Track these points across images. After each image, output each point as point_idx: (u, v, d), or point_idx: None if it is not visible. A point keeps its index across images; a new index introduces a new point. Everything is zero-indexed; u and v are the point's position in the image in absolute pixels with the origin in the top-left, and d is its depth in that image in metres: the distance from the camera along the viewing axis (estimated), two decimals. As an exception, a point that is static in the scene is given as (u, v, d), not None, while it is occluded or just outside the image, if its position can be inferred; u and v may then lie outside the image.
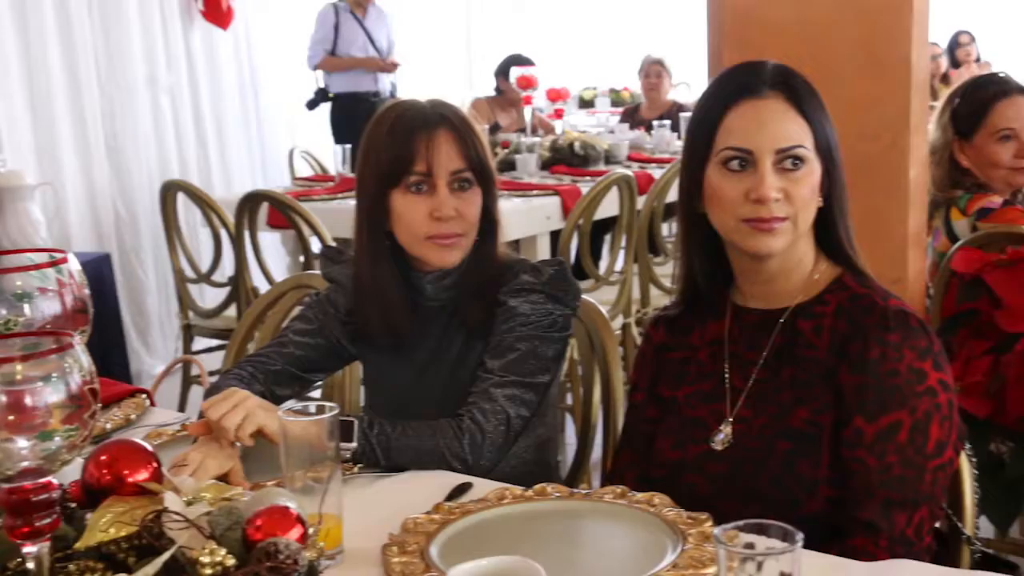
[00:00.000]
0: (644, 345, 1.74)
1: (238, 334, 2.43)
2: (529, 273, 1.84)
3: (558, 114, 5.18)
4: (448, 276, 1.87)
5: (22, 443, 1.05)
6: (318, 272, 2.41)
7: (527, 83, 4.88)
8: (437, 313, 1.89)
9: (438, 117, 1.82)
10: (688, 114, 5.53)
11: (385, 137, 1.83)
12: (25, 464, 1.06)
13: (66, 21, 4.81)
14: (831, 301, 1.54)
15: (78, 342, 1.07)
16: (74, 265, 1.18)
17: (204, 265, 4.28)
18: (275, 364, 1.90)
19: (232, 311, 4.10)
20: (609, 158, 4.84)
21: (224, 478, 1.55)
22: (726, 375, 1.60)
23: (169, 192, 4.20)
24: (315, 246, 4.01)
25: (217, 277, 4.22)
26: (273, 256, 4.20)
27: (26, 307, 1.15)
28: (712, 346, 1.62)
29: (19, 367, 1.03)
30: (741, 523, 1.00)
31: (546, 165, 4.66)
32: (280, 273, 4.28)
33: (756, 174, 1.49)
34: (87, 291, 1.19)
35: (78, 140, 4.87)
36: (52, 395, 1.04)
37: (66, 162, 4.77)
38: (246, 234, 3.93)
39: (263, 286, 4.08)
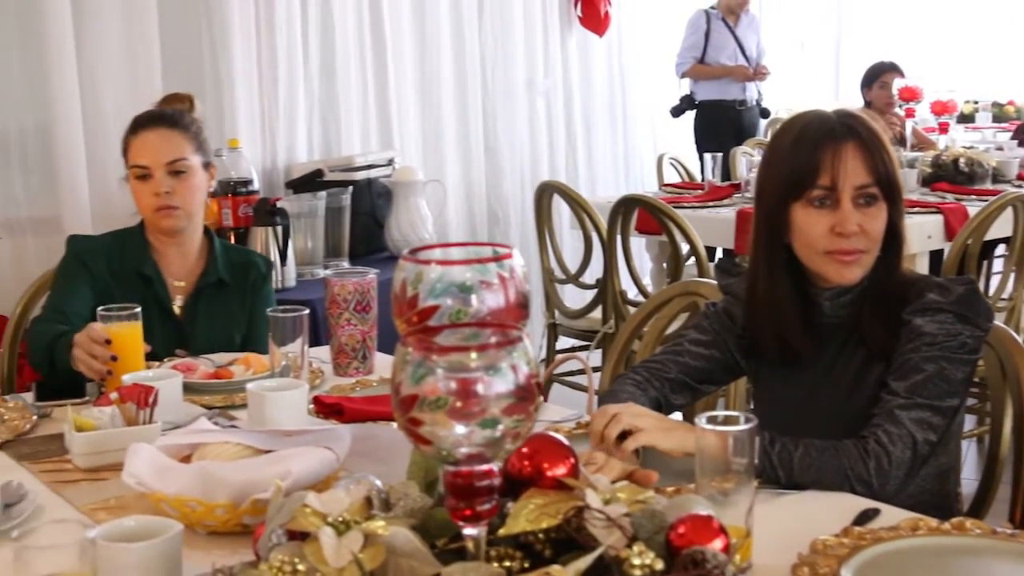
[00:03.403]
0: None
1: (621, 336, 2.46)
2: (936, 291, 1.74)
3: (942, 128, 4.91)
4: (848, 293, 1.80)
5: (460, 429, 1.09)
6: (704, 280, 2.40)
7: (911, 95, 4.67)
8: (834, 330, 1.83)
9: (846, 129, 1.76)
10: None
11: (789, 148, 1.79)
12: (465, 450, 1.11)
13: (459, 29, 5.05)
14: None
15: (526, 335, 1.10)
16: (517, 261, 1.21)
17: (568, 266, 4.37)
18: (670, 372, 1.90)
19: (597, 313, 4.16)
20: (997, 176, 4.55)
21: (627, 480, 1.56)
22: None
23: (544, 193, 4.33)
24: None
25: (585, 279, 4.30)
26: (635, 260, 4.22)
27: (473, 299, 1.19)
28: None
29: (473, 356, 1.08)
30: None
31: (927, 182, 4.44)
32: (644, 279, 4.30)
33: None
34: (528, 287, 1.22)
35: (460, 140, 5.10)
36: (500, 385, 1.08)
37: (449, 161, 5.01)
38: (618, 238, 3.98)
39: (630, 290, 4.13)
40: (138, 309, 2.10)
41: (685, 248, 3.90)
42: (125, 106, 3.39)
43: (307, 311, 1.98)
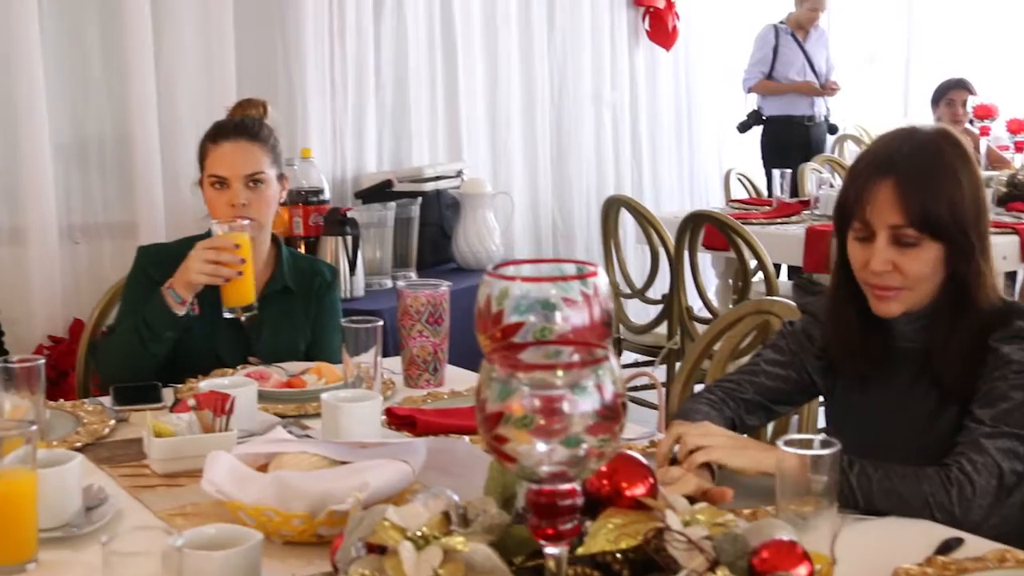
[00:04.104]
0: None
1: (692, 354, 2.44)
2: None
3: (1019, 147, 4.83)
4: (921, 318, 1.76)
5: (543, 447, 1.09)
6: (778, 299, 2.38)
7: (986, 112, 4.61)
8: (912, 355, 1.79)
9: (888, 164, 1.69)
10: None
11: (848, 176, 1.79)
12: (548, 468, 1.10)
13: (528, 41, 5.06)
14: None
15: (613, 355, 1.10)
16: (602, 280, 1.21)
17: (633, 280, 4.35)
18: (745, 392, 1.88)
19: (662, 329, 4.14)
20: (1073, 196, 4.47)
21: (701, 496, 1.55)
22: None
23: (612, 207, 4.32)
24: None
25: (650, 294, 4.29)
26: (701, 276, 4.19)
27: (557, 316, 1.19)
28: None
29: (559, 374, 1.07)
30: None
31: (1002, 201, 4.37)
32: (709, 294, 4.27)
33: None
34: (611, 305, 1.21)
35: (528, 152, 5.11)
36: (585, 404, 1.07)
37: (516, 173, 5.01)
38: (685, 253, 3.96)
39: (695, 306, 4.10)
40: (247, 221, 2.30)
41: (751, 264, 3.88)
42: (200, 114, 3.44)
43: (381, 322, 1.99)
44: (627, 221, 4.66)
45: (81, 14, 3.49)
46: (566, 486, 1.11)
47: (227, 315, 2.31)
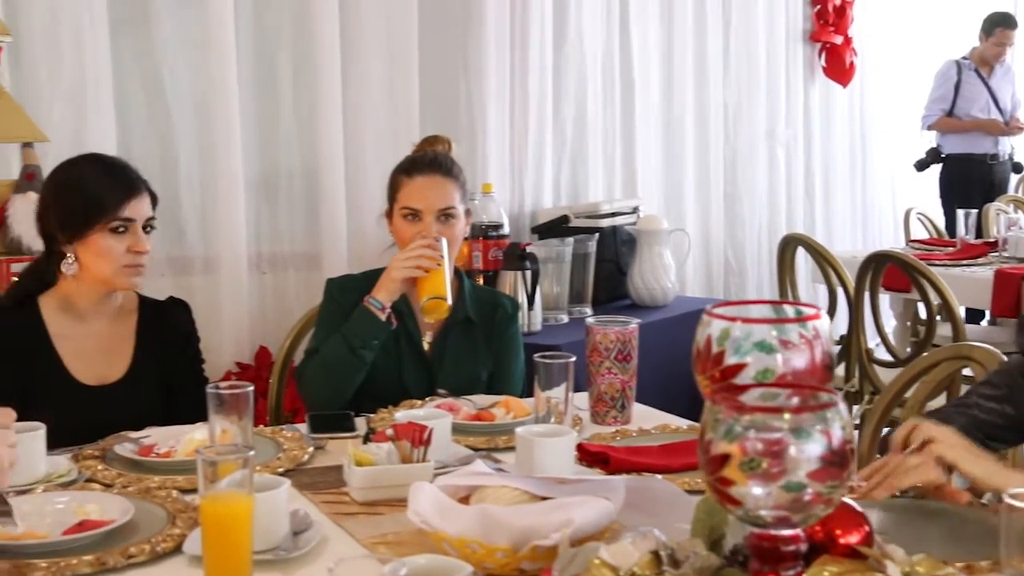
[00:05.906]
0: None
1: (884, 397, 2.38)
2: None
3: None
4: None
5: (769, 491, 1.07)
6: (978, 344, 2.30)
7: None
8: None
9: None
10: None
11: None
12: (773, 513, 1.08)
13: (703, 78, 5.04)
14: None
15: (840, 400, 1.08)
16: (823, 323, 1.19)
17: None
18: (955, 423, 1.82)
19: (839, 370, 4.05)
20: None
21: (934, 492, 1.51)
22: None
23: (788, 245, 4.25)
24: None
25: (827, 334, 4.19)
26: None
27: (778, 358, 1.17)
28: None
29: (786, 417, 1.06)
30: None
31: None
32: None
33: None
34: (833, 349, 1.20)
35: (700, 189, 5.08)
36: (811, 448, 1.05)
37: (689, 209, 4.99)
38: (866, 294, 3.87)
39: (873, 346, 4.00)
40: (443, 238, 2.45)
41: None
42: (384, 150, 3.52)
43: (574, 358, 1.99)
44: (800, 259, 4.58)
45: (274, 56, 3.62)
46: (789, 532, 1.10)
47: (423, 303, 2.37)
